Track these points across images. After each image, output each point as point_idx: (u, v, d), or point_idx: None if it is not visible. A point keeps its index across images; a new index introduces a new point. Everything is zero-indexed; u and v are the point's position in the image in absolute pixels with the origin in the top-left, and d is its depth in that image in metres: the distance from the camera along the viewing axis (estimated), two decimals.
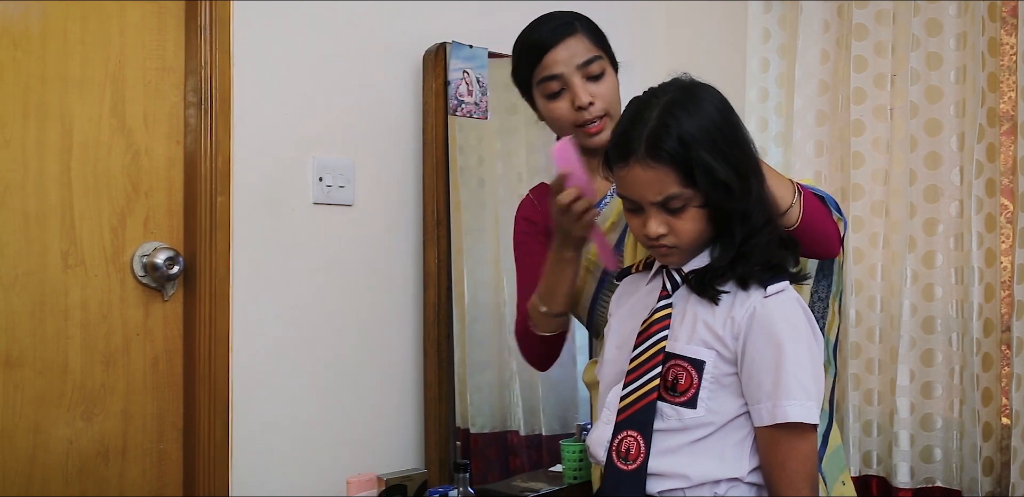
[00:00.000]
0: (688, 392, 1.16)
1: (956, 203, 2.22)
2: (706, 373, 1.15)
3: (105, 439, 1.67)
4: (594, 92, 1.42)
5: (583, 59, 1.42)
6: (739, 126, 1.19)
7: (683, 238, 1.17)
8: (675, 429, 1.16)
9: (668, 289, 1.23)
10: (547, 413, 2.21)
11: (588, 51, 1.43)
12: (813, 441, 1.14)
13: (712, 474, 1.15)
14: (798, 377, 1.12)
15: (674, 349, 1.18)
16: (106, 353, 1.67)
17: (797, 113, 2.47)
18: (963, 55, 2.22)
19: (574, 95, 1.41)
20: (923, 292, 2.25)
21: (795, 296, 1.19)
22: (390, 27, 2.00)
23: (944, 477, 2.21)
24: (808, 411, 1.11)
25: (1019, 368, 2.07)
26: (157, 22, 1.74)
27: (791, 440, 1.12)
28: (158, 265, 1.70)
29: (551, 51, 1.42)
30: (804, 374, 1.12)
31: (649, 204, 1.16)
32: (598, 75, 1.43)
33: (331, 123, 1.92)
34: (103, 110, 1.67)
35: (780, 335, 1.13)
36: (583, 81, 1.41)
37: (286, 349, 1.84)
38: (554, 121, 1.47)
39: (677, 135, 1.12)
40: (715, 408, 1.15)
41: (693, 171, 1.12)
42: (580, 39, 1.43)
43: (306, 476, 1.86)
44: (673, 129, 1.12)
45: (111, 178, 1.68)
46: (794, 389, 1.11)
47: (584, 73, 1.42)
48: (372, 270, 1.97)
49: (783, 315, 1.15)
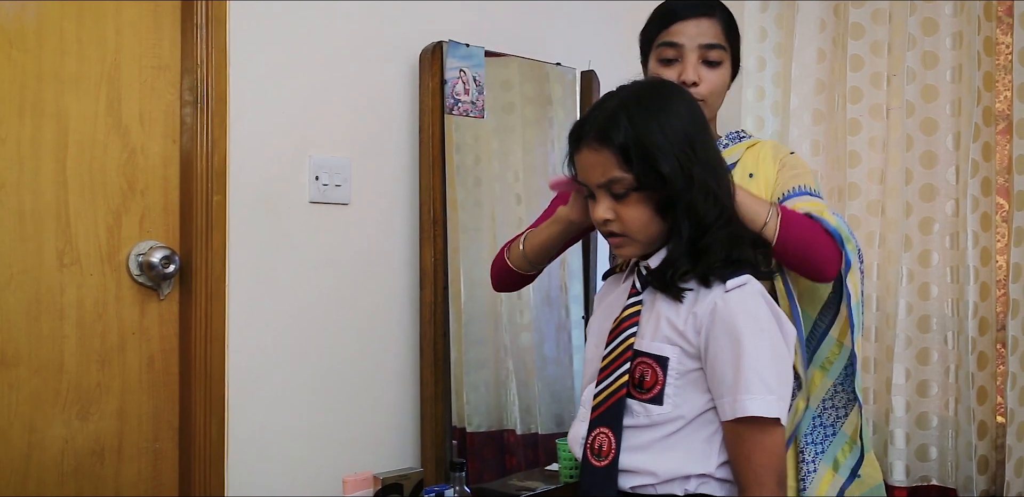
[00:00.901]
0: (654, 389, 1.17)
1: (952, 202, 2.22)
2: (671, 370, 1.16)
3: (101, 438, 1.66)
4: (703, 76, 1.45)
5: (707, 41, 1.45)
6: (695, 126, 1.20)
7: (628, 225, 1.19)
8: (644, 425, 1.18)
9: (638, 287, 1.24)
10: (543, 412, 2.21)
11: (716, 37, 1.47)
12: (777, 435, 1.14)
13: (681, 470, 1.16)
14: (757, 371, 1.12)
15: (640, 346, 1.19)
16: (101, 352, 1.67)
17: (794, 112, 2.47)
18: (959, 54, 2.22)
19: (684, 69, 1.44)
20: (919, 291, 2.25)
21: (757, 289, 1.18)
22: (386, 26, 2.00)
23: (939, 475, 2.22)
24: (767, 405, 1.11)
25: (1014, 367, 2.07)
26: (153, 20, 1.73)
27: (754, 434, 1.13)
28: (154, 264, 1.70)
29: (682, 21, 1.46)
30: (764, 368, 1.13)
31: (596, 188, 1.20)
32: (714, 63, 1.46)
33: (327, 122, 1.91)
34: (99, 108, 1.67)
35: (740, 329, 1.13)
36: (698, 61, 1.45)
37: (282, 348, 1.84)
38: None
39: (625, 122, 1.16)
40: (681, 404, 1.16)
41: (631, 156, 1.15)
42: (714, 24, 1.47)
43: (302, 475, 1.86)
44: (622, 116, 1.17)
45: (107, 176, 1.68)
46: (753, 383, 1.12)
47: (702, 54, 1.45)
48: (368, 269, 1.97)
49: (744, 309, 1.15)
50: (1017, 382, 2.06)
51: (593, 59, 2.34)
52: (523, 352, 2.20)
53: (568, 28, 2.37)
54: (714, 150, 1.24)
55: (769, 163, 1.49)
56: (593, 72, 2.32)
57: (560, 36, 2.35)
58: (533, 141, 2.25)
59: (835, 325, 1.45)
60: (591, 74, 2.32)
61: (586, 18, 2.42)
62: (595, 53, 2.36)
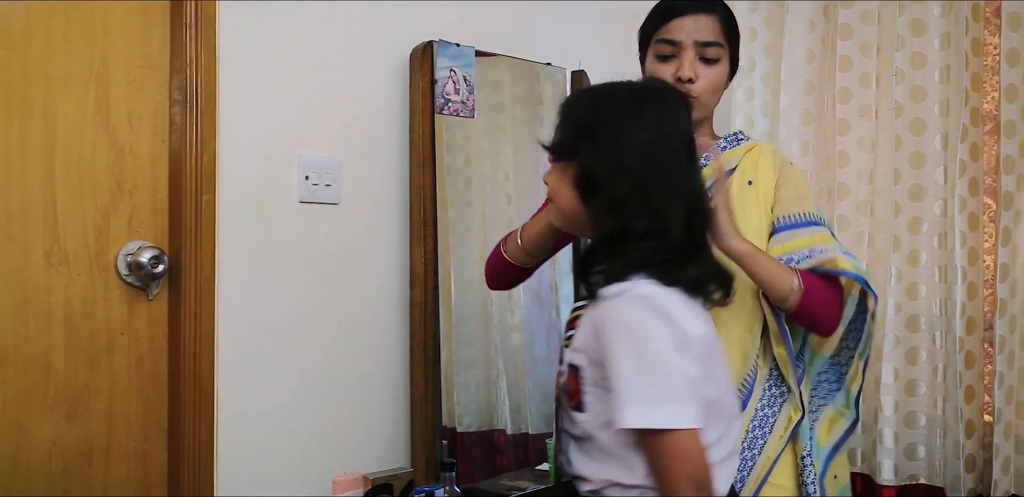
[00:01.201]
0: (576, 396, 1.16)
1: (940, 202, 2.24)
2: (583, 378, 1.15)
3: (89, 439, 1.66)
4: (700, 72, 1.45)
5: (705, 39, 1.45)
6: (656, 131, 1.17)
7: (553, 197, 1.23)
8: (576, 433, 1.18)
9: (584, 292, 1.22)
10: (533, 412, 2.22)
11: (714, 35, 1.46)
12: (684, 439, 1.08)
13: (612, 477, 1.15)
14: (636, 381, 1.08)
15: (566, 354, 1.20)
16: (90, 352, 1.66)
17: (783, 112, 2.48)
18: (947, 55, 2.23)
19: (680, 65, 1.44)
20: (907, 291, 2.26)
21: (638, 295, 1.11)
22: (377, 25, 2.00)
23: (927, 474, 2.23)
24: (643, 415, 1.07)
25: (1001, 366, 2.08)
26: (142, 20, 1.73)
27: (651, 443, 1.09)
28: (143, 264, 1.69)
29: (680, 17, 1.45)
30: (644, 376, 1.08)
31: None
32: (712, 60, 1.46)
33: (317, 121, 1.91)
34: (87, 108, 1.66)
35: (615, 339, 1.09)
36: (696, 58, 1.44)
37: (272, 348, 1.84)
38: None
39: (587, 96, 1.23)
40: (602, 411, 1.13)
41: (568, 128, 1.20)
42: (713, 20, 1.47)
43: (292, 475, 1.85)
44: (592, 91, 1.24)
45: (95, 176, 1.67)
46: (631, 394, 1.07)
47: (700, 51, 1.45)
48: (358, 269, 1.97)
49: (618, 318, 1.10)
50: (1004, 381, 2.08)
51: (583, 59, 2.35)
52: (513, 352, 2.20)
53: (558, 28, 2.37)
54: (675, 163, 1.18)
55: (769, 169, 1.49)
56: (583, 72, 2.32)
57: (550, 36, 2.35)
58: (524, 141, 2.25)
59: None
60: (581, 74, 2.32)
61: (576, 18, 2.42)
62: (585, 53, 2.37)
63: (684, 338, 1.10)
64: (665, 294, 1.12)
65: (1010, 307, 2.09)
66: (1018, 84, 2.10)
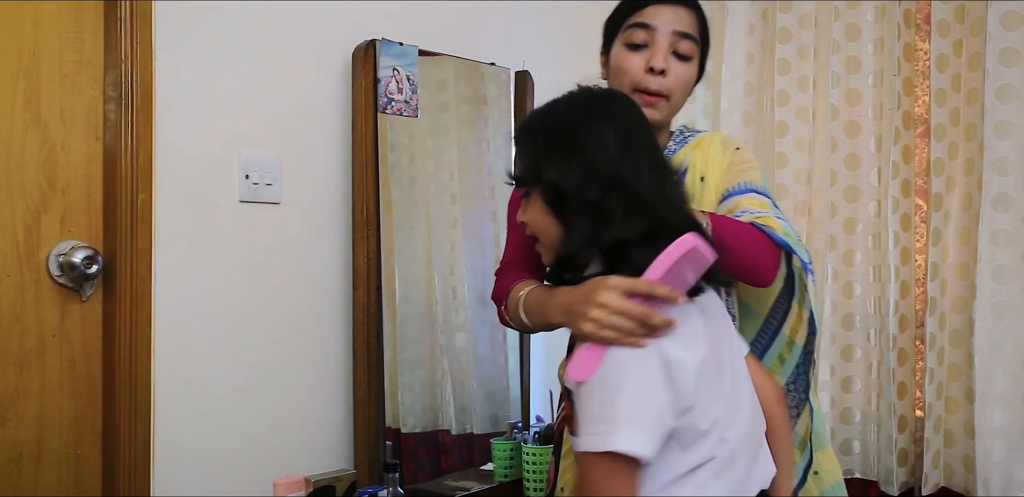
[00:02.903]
0: (573, 419, 1.07)
1: (874, 203, 2.30)
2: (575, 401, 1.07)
3: (18, 444, 1.61)
4: (672, 66, 1.36)
5: (683, 30, 1.37)
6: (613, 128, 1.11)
7: (533, 227, 1.16)
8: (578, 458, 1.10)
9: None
10: (478, 412, 2.22)
11: (692, 28, 1.39)
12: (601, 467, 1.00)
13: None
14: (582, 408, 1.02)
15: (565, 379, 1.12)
16: (19, 355, 1.61)
17: (724, 114, 2.52)
18: (880, 59, 2.29)
19: (653, 55, 1.36)
20: (843, 290, 2.32)
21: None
22: (319, 23, 1.98)
23: (862, 468, 2.29)
24: (587, 440, 1.00)
25: (932, 362, 2.15)
26: (74, 14, 1.68)
27: (582, 466, 1.03)
28: (75, 264, 1.65)
29: (658, 4, 1.38)
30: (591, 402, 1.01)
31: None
32: (685, 56, 1.38)
33: (258, 119, 1.88)
34: (16, 103, 1.61)
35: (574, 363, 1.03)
36: (669, 49, 1.36)
37: (210, 350, 1.81)
38: (619, 72, 1.39)
39: (536, 119, 1.16)
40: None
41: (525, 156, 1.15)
42: (691, 15, 1.40)
43: (232, 478, 1.82)
44: (538, 114, 1.17)
45: (24, 174, 1.62)
46: (584, 419, 1.01)
47: (675, 43, 1.37)
48: (300, 269, 1.95)
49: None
50: (935, 377, 2.14)
51: (528, 59, 2.35)
52: (458, 352, 2.19)
53: (502, 28, 2.38)
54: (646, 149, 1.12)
55: (718, 159, 1.41)
56: (527, 72, 2.33)
57: (494, 36, 2.35)
58: (468, 141, 2.25)
59: (786, 322, 1.37)
60: (525, 74, 2.33)
61: (520, 18, 2.43)
62: (529, 53, 2.37)
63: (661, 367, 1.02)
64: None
65: (940, 305, 2.16)
66: (947, 89, 2.17)
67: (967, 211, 2.13)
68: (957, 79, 2.14)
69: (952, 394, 2.13)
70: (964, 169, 2.14)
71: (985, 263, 2.04)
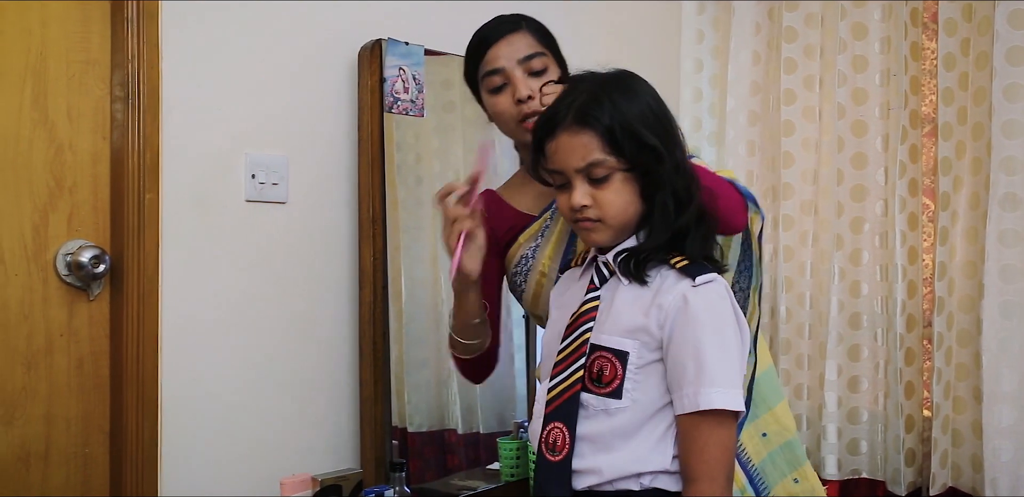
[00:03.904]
0: (613, 383, 1.16)
1: (881, 202, 2.29)
2: (630, 364, 1.16)
3: (26, 444, 1.61)
4: (535, 87, 1.43)
5: (525, 54, 1.44)
6: (666, 109, 1.23)
7: (607, 210, 1.18)
8: (602, 421, 1.18)
9: (596, 282, 1.24)
10: (485, 411, 2.22)
11: (531, 47, 1.46)
12: (732, 429, 1.15)
13: (632, 466, 1.16)
14: (722, 365, 1.13)
15: (599, 341, 1.19)
16: (27, 355, 1.62)
17: (730, 113, 2.52)
18: (887, 58, 2.29)
19: (514, 88, 1.43)
20: (850, 289, 2.31)
21: (723, 286, 1.19)
22: (326, 22, 1.98)
23: (869, 468, 2.28)
24: (732, 398, 1.13)
25: (940, 362, 2.14)
26: (81, 14, 1.68)
27: (712, 427, 1.13)
28: (83, 263, 1.65)
29: (494, 46, 1.46)
30: (728, 363, 1.14)
31: (574, 172, 1.19)
32: (540, 71, 1.45)
33: (264, 119, 1.88)
34: (23, 103, 1.62)
35: (707, 324, 1.14)
36: (525, 75, 1.44)
37: (217, 349, 1.81)
38: (498, 116, 1.49)
39: (608, 103, 1.17)
40: (640, 398, 1.16)
41: (617, 137, 1.15)
42: (524, 35, 1.47)
43: (239, 478, 1.83)
44: (603, 98, 1.17)
45: (32, 173, 1.63)
46: (718, 376, 1.12)
47: (526, 68, 1.45)
48: (307, 269, 1.95)
49: (710, 304, 1.16)
50: (942, 377, 2.14)
51: None
52: None
53: None
54: (674, 123, 1.24)
55: None
56: None
57: None
58: (474, 140, 2.25)
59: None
60: None
61: None
62: None
63: (743, 334, 1.18)
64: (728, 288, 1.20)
65: (948, 305, 2.15)
66: (954, 87, 2.16)
67: (975, 210, 2.12)
68: (964, 78, 2.14)
69: (960, 394, 2.13)
70: (971, 168, 2.13)
71: (993, 262, 2.03)
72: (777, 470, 1.43)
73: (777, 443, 1.45)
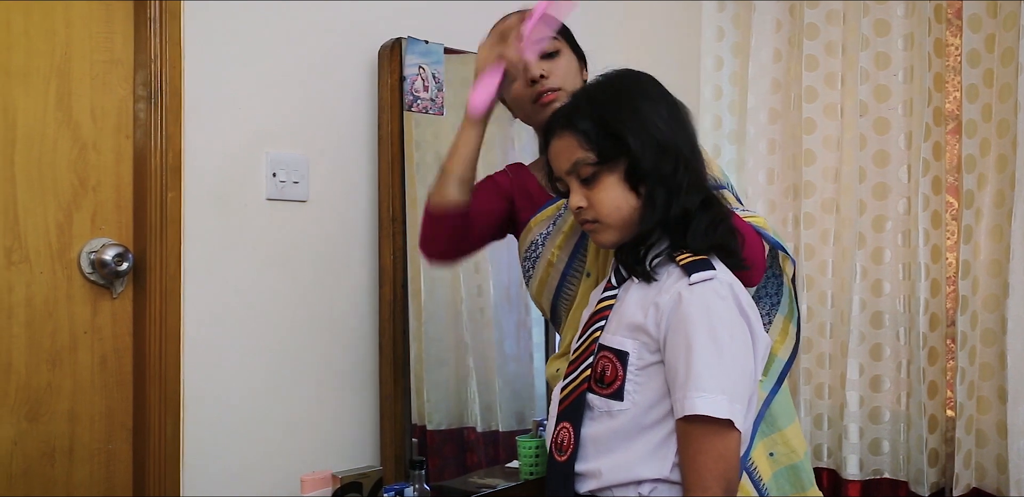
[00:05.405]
0: (615, 384, 1.14)
1: (904, 200, 2.27)
2: (630, 365, 1.14)
3: (51, 440, 1.63)
4: (547, 68, 1.45)
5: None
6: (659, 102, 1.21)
7: (600, 209, 1.18)
8: (604, 422, 1.16)
9: (614, 282, 1.24)
10: (504, 409, 2.22)
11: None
12: (728, 439, 1.08)
13: (632, 472, 1.13)
14: (712, 369, 1.07)
15: (605, 340, 1.18)
16: (52, 352, 1.64)
17: (750, 111, 2.51)
18: (910, 55, 2.26)
19: (527, 70, 1.44)
20: (872, 288, 2.29)
21: (724, 285, 1.14)
22: (345, 21, 1.98)
23: (891, 468, 2.26)
24: (716, 405, 1.06)
25: (963, 362, 2.12)
26: (104, 14, 1.70)
27: (702, 434, 1.08)
28: (106, 262, 1.67)
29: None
30: (720, 367, 1.08)
31: (567, 176, 1.20)
32: (552, 53, 1.47)
33: (285, 118, 1.89)
34: (48, 103, 1.63)
35: (699, 325, 1.09)
36: (537, 58, 1.44)
37: (239, 347, 1.82)
38: (514, 102, 1.51)
39: (586, 104, 1.19)
40: (641, 400, 1.13)
41: (592, 134, 1.16)
42: None
43: (260, 474, 1.84)
44: (584, 100, 1.20)
45: (57, 172, 1.65)
46: (703, 381, 1.07)
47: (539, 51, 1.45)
48: (327, 267, 1.96)
49: (706, 304, 1.11)
50: (966, 377, 2.11)
51: None
52: (484, 349, 2.20)
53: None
54: (691, 125, 1.23)
55: None
56: None
57: None
58: (493, 138, 2.24)
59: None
60: None
61: None
62: None
63: (752, 339, 1.14)
64: (740, 286, 1.16)
65: (971, 304, 2.12)
66: (979, 84, 2.14)
67: (1000, 208, 2.09)
68: (989, 75, 2.11)
69: (984, 393, 2.10)
70: (997, 166, 2.10)
71: (1018, 261, 2.00)
72: (780, 491, 1.41)
73: (783, 464, 1.40)
